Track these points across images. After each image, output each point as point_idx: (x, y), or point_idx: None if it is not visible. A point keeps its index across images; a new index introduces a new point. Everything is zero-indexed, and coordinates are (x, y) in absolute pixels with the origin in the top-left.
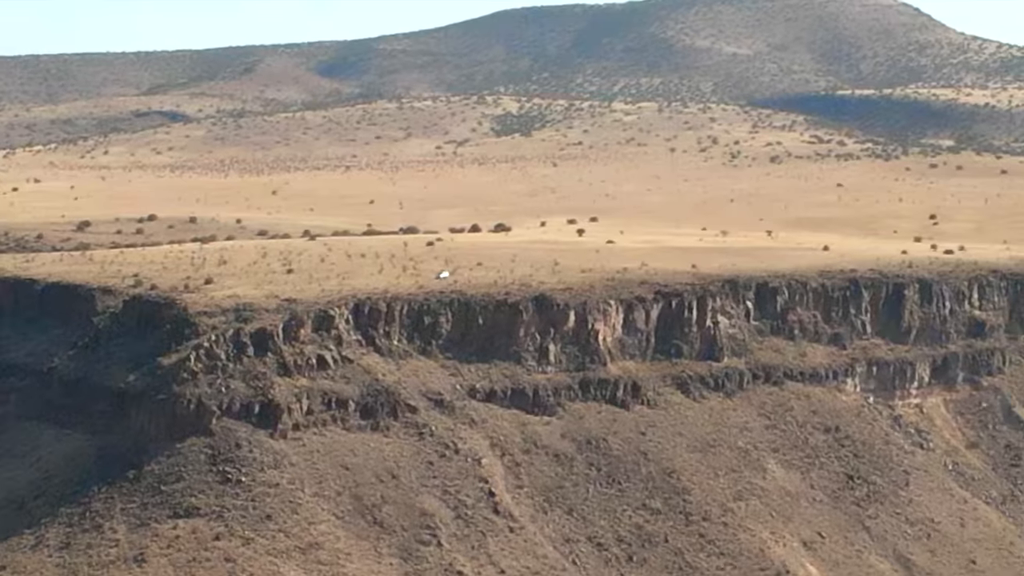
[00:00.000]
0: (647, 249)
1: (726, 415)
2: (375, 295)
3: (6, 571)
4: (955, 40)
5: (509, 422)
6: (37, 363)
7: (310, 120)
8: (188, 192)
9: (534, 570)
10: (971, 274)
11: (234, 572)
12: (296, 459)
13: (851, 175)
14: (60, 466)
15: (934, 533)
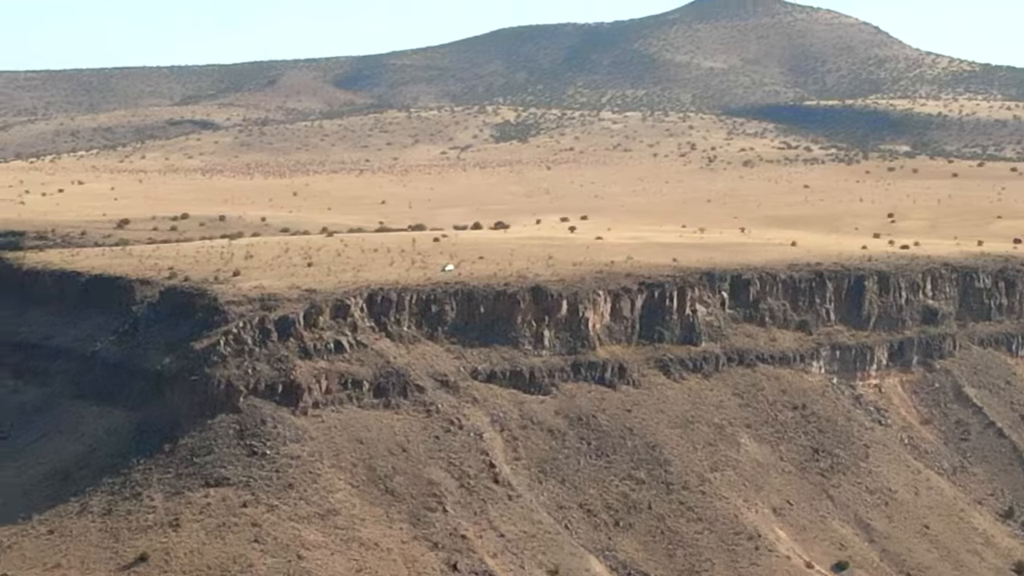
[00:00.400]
0: (632, 244)
1: (703, 394)
2: (387, 286)
3: (54, 535)
4: (911, 55)
5: (508, 400)
6: (82, 347)
7: (327, 128)
8: (217, 193)
9: (530, 534)
10: (925, 267)
11: (260, 536)
12: (315, 434)
13: (817, 178)
14: (102, 440)
15: (891, 501)
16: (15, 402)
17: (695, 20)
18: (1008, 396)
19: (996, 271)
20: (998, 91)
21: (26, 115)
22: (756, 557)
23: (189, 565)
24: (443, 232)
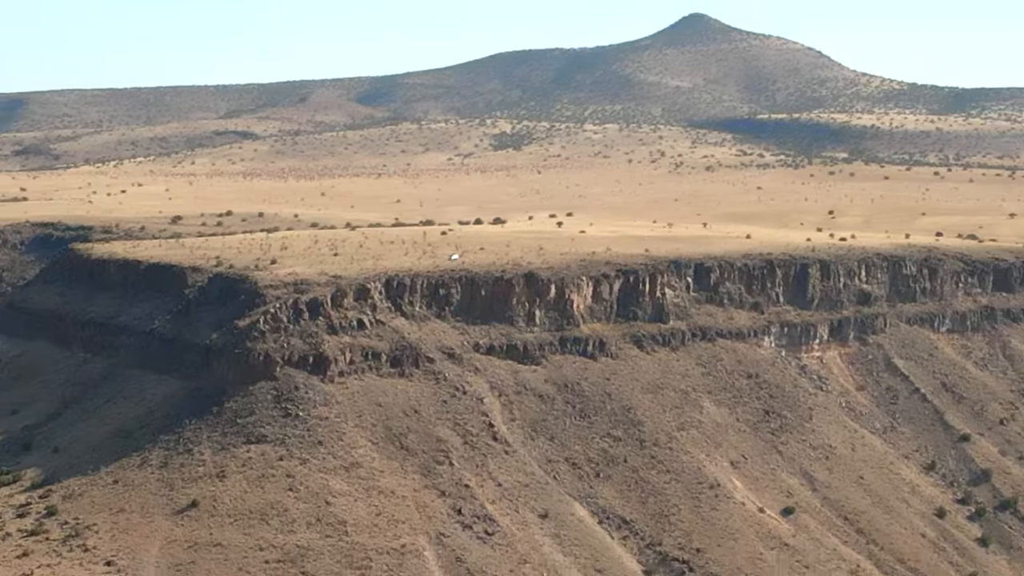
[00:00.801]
0: (611, 237)
1: (671, 364)
2: (401, 272)
3: (118, 484)
4: (849, 76)
5: (504, 370)
6: (142, 325)
7: (350, 138)
8: (256, 193)
9: (524, 484)
10: (860, 257)
11: (293, 485)
12: (341, 398)
13: (768, 180)
14: (159, 404)
15: (831, 456)
16: (86, 371)
17: (664, 46)
18: (931, 367)
19: (921, 260)
20: (923, 106)
21: (93, 127)
22: (716, 503)
23: (233, 510)
24: (449, 227)
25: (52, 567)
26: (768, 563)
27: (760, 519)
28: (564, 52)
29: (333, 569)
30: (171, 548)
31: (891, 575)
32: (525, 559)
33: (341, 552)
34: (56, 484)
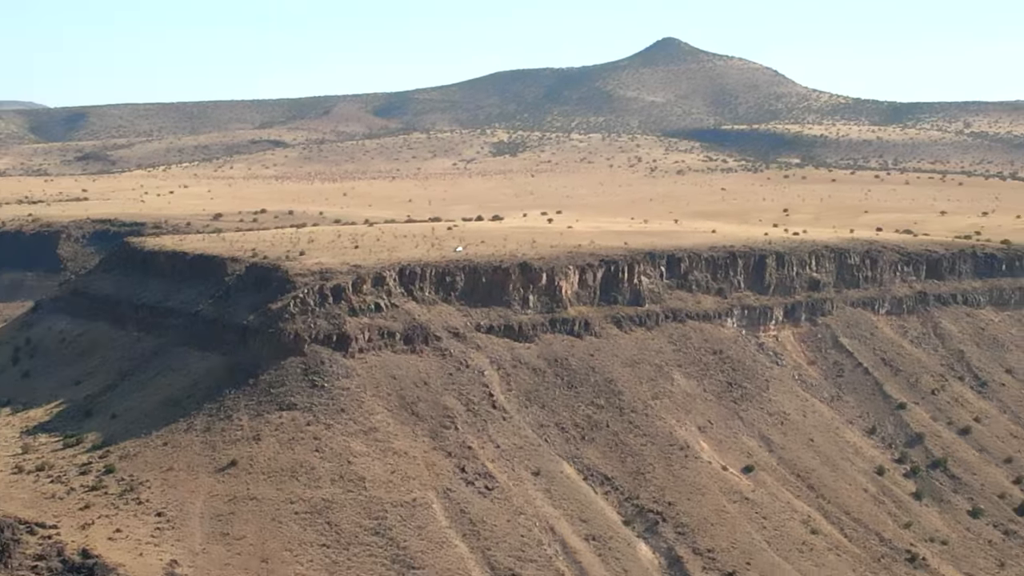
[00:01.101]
0: (594, 232)
1: (646, 342)
2: (413, 262)
3: (168, 446)
4: (801, 91)
5: (502, 347)
6: (188, 308)
7: (367, 146)
8: (287, 194)
9: (519, 446)
10: (811, 249)
11: (319, 447)
12: (360, 371)
13: (731, 183)
14: (203, 377)
15: (785, 421)
16: (139, 348)
17: (641, 66)
18: (872, 344)
19: (863, 251)
20: (865, 118)
21: (145, 136)
22: (685, 463)
23: (267, 468)
24: (454, 223)
25: (110, 518)
26: (731, 514)
27: (724, 476)
28: (554, 71)
29: (354, 519)
30: (213, 501)
31: (837, 525)
32: (520, 511)
33: (360, 505)
34: (113, 446)
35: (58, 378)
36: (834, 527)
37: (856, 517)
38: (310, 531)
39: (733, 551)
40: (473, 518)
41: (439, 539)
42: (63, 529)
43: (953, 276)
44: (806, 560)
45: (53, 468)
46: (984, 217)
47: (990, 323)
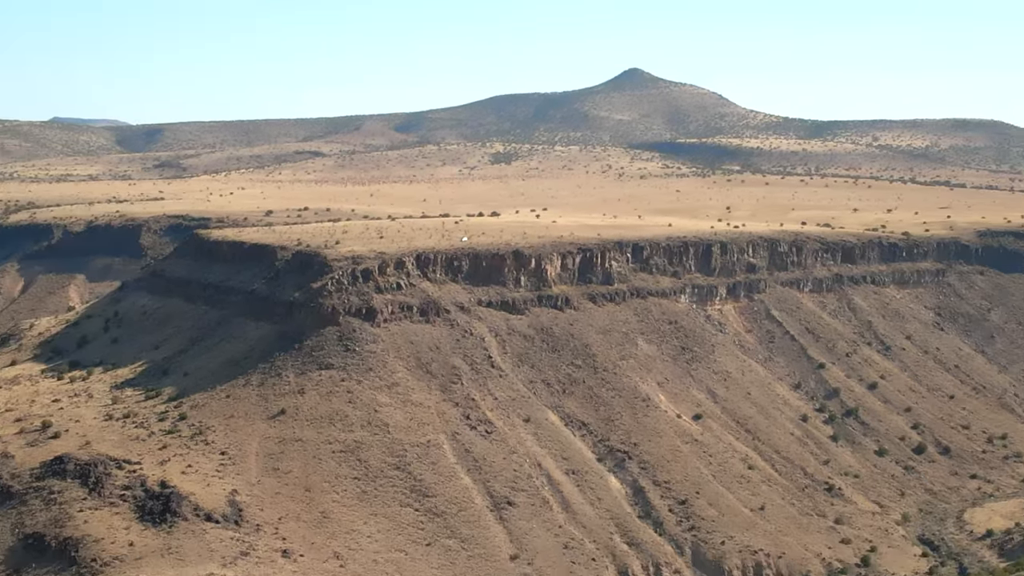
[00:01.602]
0: (573, 225)
1: (616, 314)
2: (427, 250)
3: (230, 398)
4: (741, 112)
5: (499, 318)
6: (245, 286)
7: (390, 156)
8: (324, 195)
9: (512, 398)
10: (748, 239)
11: (352, 399)
12: (385, 338)
13: (684, 185)
14: (257, 342)
15: (728, 378)
16: (205, 319)
17: (611, 91)
18: (797, 316)
19: (790, 241)
20: (792, 133)
21: (209, 148)
22: (647, 411)
23: (309, 416)
24: (460, 218)
25: (183, 456)
26: (683, 453)
27: (678, 423)
28: (540, 95)
29: (379, 457)
30: (266, 443)
31: (769, 462)
32: (513, 451)
33: (385, 445)
34: (185, 398)
35: (140, 343)
36: (767, 464)
37: (785, 455)
38: (344, 466)
39: (685, 483)
40: (476, 456)
41: (448, 473)
42: (145, 465)
43: (863, 261)
44: (744, 490)
45: (137, 416)
46: (888, 213)
47: (893, 299)
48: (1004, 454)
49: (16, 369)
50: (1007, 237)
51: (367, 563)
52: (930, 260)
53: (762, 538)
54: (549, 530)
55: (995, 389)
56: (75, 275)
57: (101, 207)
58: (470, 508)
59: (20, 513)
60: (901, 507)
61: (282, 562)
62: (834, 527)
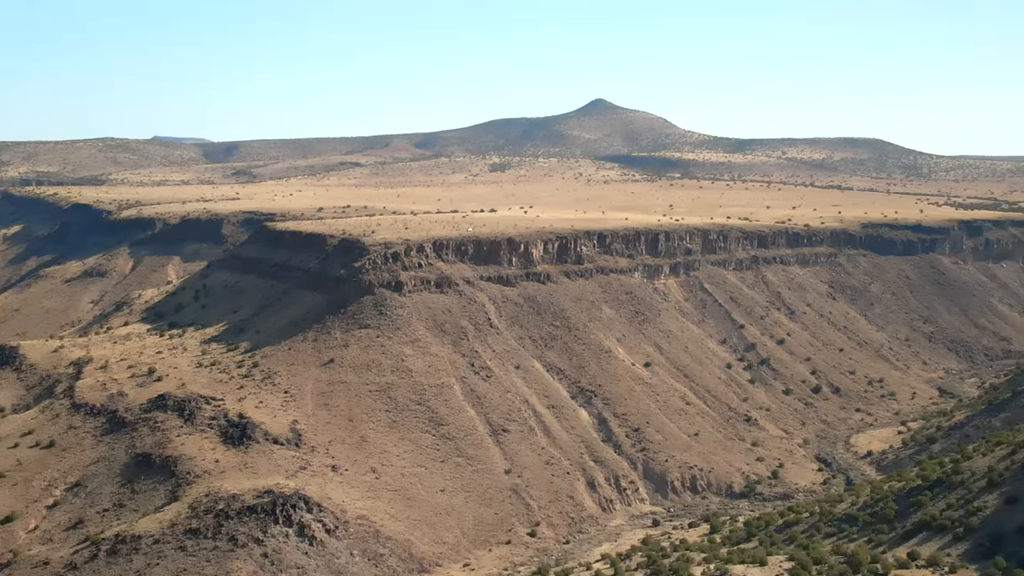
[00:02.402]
0: (553, 219)
1: (585, 287)
2: (441, 237)
3: (291, 350)
4: (681, 131)
5: (496, 290)
6: (302, 265)
7: (412, 166)
8: (362, 196)
9: (507, 350)
10: (686, 229)
11: (384, 351)
12: (409, 305)
13: (637, 189)
14: (312, 308)
15: (671, 336)
16: (272, 291)
17: (582, 116)
18: (723, 288)
19: (718, 231)
20: (720, 149)
21: (273, 159)
22: (608, 360)
23: (352, 364)
24: (466, 213)
25: (256, 394)
26: (636, 392)
27: (633, 369)
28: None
29: (405, 395)
30: (318, 384)
31: (702, 399)
32: (507, 390)
33: (409, 386)
34: (257, 350)
35: (222, 309)
36: (700, 400)
37: (713, 394)
38: (378, 402)
39: (638, 415)
40: (478, 394)
41: (458, 407)
42: (226, 401)
43: (774, 246)
44: (683, 420)
45: (220, 364)
46: (793, 210)
47: (796, 275)
48: (881, 393)
49: (128, 328)
50: (884, 228)
51: (396, 475)
52: (825, 245)
53: (696, 457)
54: (534, 451)
55: (874, 344)
56: (172, 257)
57: (191, 205)
58: (474, 434)
59: (132, 438)
60: (802, 434)
61: (331, 475)
62: (751, 449)
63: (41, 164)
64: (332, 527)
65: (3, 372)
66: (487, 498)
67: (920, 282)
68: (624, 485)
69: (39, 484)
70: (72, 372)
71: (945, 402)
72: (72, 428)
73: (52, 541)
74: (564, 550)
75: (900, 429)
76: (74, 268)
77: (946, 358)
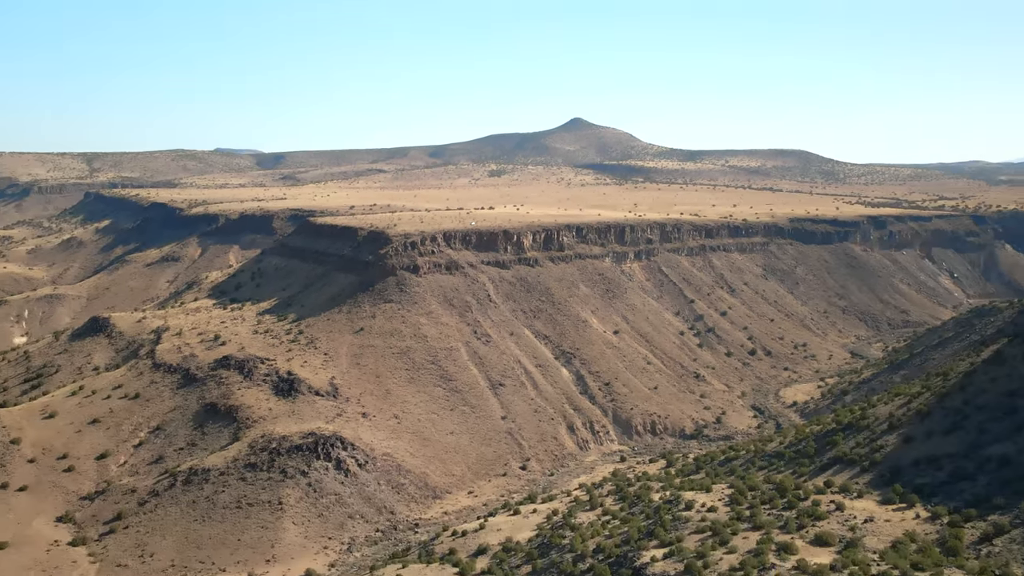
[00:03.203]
0: (540, 215)
1: (566, 270)
2: (450, 230)
3: (328, 320)
4: (643, 144)
5: (495, 271)
6: (338, 252)
7: (425, 172)
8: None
9: (503, 320)
10: (647, 223)
11: (404, 321)
12: (424, 284)
13: (608, 191)
14: (345, 287)
15: (634, 308)
16: (313, 273)
17: (563, 131)
18: (678, 271)
19: (673, 224)
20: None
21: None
22: (584, 329)
23: (378, 331)
24: (469, 210)
25: (300, 356)
26: (607, 354)
27: (604, 336)
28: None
29: (421, 356)
30: (351, 348)
31: (660, 359)
32: (503, 352)
33: (425, 349)
34: (302, 320)
35: (273, 287)
36: (658, 360)
37: (669, 356)
38: (399, 362)
39: (608, 372)
40: (480, 356)
41: (463, 366)
42: (277, 361)
43: (719, 236)
44: (644, 377)
45: (272, 331)
46: (734, 207)
47: (736, 260)
48: (804, 355)
49: (197, 303)
50: (807, 222)
51: (414, 421)
52: (759, 236)
53: (655, 406)
54: (525, 401)
55: (798, 316)
56: (232, 245)
57: (247, 204)
58: (476, 388)
59: (201, 391)
60: (741, 388)
61: (362, 420)
62: (699, 400)
63: (125, 171)
64: (363, 462)
65: (97, 338)
66: (487, 439)
67: (836, 265)
68: (597, 429)
69: (127, 428)
70: (153, 338)
71: (855, 362)
72: (153, 383)
73: (138, 473)
74: (549, 480)
75: (819, 384)
76: (153, 255)
77: (856, 327)
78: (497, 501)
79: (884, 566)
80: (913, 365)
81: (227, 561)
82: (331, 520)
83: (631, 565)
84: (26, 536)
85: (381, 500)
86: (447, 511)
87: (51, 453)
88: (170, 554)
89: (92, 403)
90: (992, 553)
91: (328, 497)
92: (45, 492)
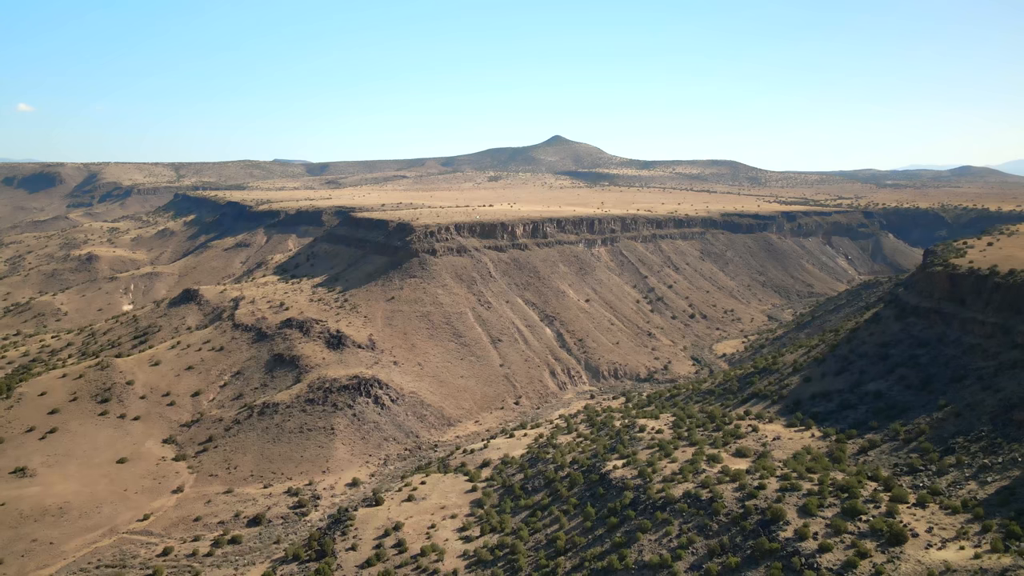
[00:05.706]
0: (529, 211)
1: (549, 253)
2: (459, 222)
3: (368, 291)
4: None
5: (495, 254)
6: (374, 239)
7: (440, 178)
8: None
9: (500, 291)
10: (612, 217)
11: (425, 291)
12: (440, 264)
13: (581, 192)
14: (381, 266)
15: (602, 282)
16: (354, 255)
17: (546, 146)
18: (635, 254)
19: (631, 218)
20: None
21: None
22: (563, 298)
23: (406, 300)
24: (474, 207)
25: (346, 318)
26: (581, 317)
27: (578, 303)
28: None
29: (438, 319)
30: (385, 312)
31: (621, 322)
32: (501, 316)
33: (441, 314)
34: (347, 291)
35: (324, 267)
36: (620, 322)
37: (629, 319)
38: (421, 324)
39: (581, 331)
40: (483, 319)
41: (470, 326)
42: (328, 322)
43: (667, 227)
44: (609, 335)
45: (324, 300)
46: (679, 205)
47: (680, 246)
48: (732, 319)
49: (265, 279)
50: (735, 216)
51: (433, 367)
52: (698, 227)
53: (617, 356)
54: (518, 352)
55: (728, 289)
56: (291, 234)
57: (302, 202)
58: (481, 343)
59: (271, 344)
60: (683, 343)
61: (393, 367)
62: (651, 352)
63: (205, 176)
64: (395, 398)
65: (189, 305)
66: (489, 381)
67: (757, 250)
68: (573, 374)
69: (215, 372)
70: (232, 305)
71: (771, 324)
72: (233, 339)
73: (224, 407)
74: (536, 413)
75: (743, 340)
76: (229, 242)
77: (772, 297)
78: (497, 428)
79: (786, 470)
80: (814, 325)
81: (293, 472)
82: (371, 441)
83: (599, 472)
84: (140, 453)
85: (408, 427)
86: (459, 435)
87: (157, 391)
88: (249, 467)
89: (187, 354)
90: (867, 461)
91: (368, 424)
92: (153, 421)
